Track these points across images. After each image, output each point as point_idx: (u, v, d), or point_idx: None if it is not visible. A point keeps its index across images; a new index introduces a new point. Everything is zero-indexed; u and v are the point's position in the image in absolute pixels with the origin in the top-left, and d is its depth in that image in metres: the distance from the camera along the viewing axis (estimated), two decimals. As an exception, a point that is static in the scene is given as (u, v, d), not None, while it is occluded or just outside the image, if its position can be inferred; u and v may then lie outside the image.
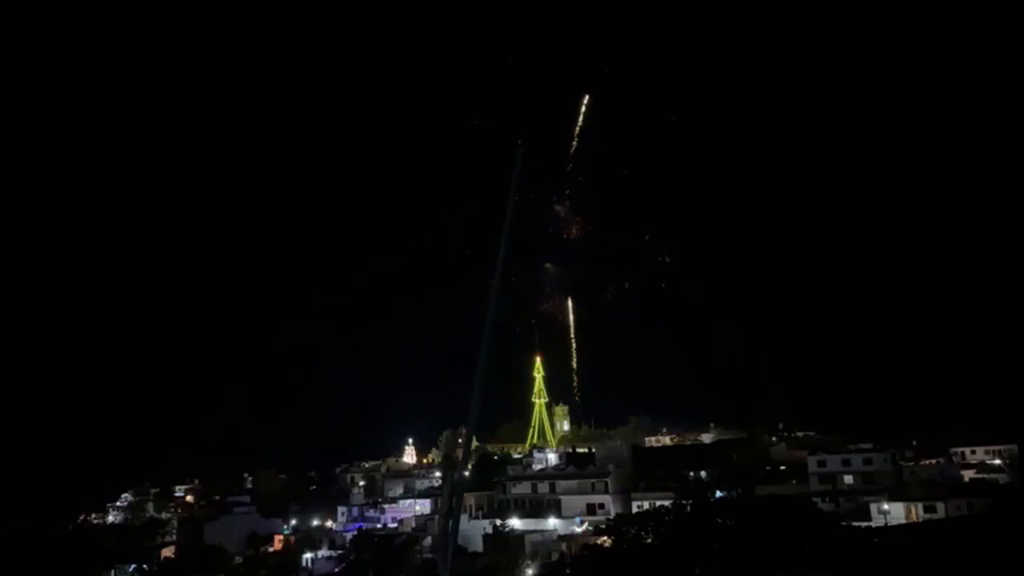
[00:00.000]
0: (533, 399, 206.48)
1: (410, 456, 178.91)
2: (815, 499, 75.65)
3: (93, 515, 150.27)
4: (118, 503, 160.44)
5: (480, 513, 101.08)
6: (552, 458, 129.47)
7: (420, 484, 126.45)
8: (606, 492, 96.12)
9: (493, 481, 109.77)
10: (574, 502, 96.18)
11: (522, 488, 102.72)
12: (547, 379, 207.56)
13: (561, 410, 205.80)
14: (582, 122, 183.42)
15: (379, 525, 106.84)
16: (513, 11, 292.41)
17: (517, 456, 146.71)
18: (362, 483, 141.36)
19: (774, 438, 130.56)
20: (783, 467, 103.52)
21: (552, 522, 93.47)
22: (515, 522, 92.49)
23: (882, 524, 71.86)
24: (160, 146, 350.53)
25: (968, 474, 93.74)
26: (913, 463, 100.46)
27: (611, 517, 79.92)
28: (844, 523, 64.02)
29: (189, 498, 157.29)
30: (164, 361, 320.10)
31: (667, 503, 74.83)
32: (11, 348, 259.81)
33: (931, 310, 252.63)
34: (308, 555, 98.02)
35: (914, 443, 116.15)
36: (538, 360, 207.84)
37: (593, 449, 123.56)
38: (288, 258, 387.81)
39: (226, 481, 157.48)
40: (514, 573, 75.23)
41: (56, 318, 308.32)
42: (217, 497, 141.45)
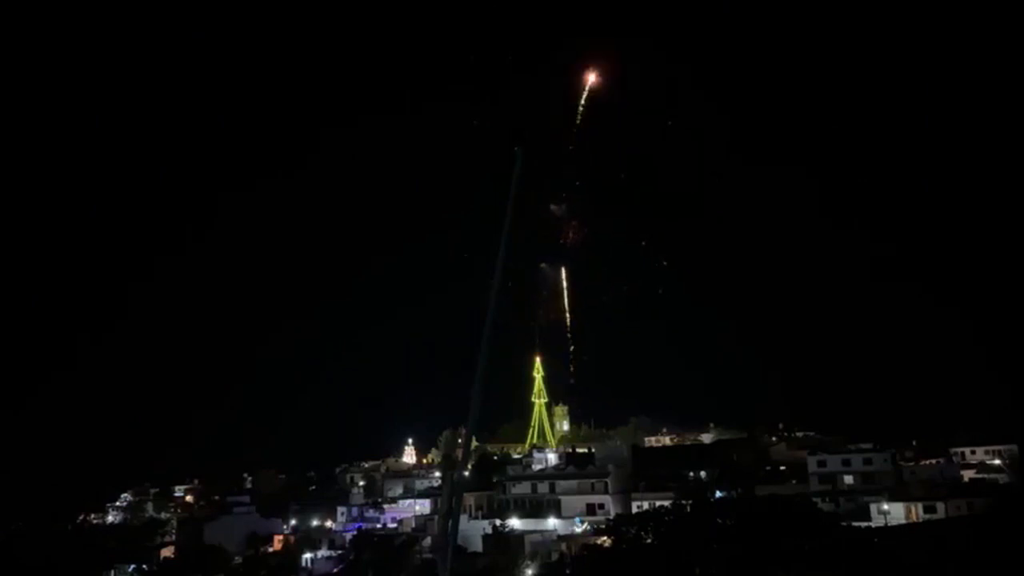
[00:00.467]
0: (533, 399, 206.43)
1: (410, 456, 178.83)
2: (815, 499, 75.48)
3: (93, 515, 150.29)
4: (118, 503, 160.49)
5: (480, 513, 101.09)
6: (552, 458, 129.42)
7: (420, 484, 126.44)
8: (606, 492, 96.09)
9: (493, 481, 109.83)
10: (574, 502, 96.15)
11: (522, 488, 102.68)
12: (547, 379, 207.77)
13: (561, 410, 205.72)
14: (581, 122, 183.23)
15: (379, 525, 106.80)
16: (513, 11, 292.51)
17: (517, 456, 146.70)
18: (362, 483, 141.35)
19: (774, 438, 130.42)
20: (783, 467, 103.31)
21: (552, 522, 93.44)
22: (515, 522, 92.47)
23: (882, 524, 71.83)
24: (160, 146, 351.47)
25: (968, 474, 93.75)
26: (913, 463, 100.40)
27: (611, 517, 79.79)
28: (844, 523, 63.80)
29: (189, 498, 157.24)
30: (164, 361, 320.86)
31: (667, 503, 74.58)
32: (11, 348, 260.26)
33: (931, 310, 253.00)
34: (308, 555, 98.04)
35: (914, 443, 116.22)
36: (538, 360, 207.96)
37: (593, 449, 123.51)
38: (288, 258, 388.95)
39: (226, 481, 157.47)
40: (514, 573, 75.17)
41: (56, 318, 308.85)
42: (217, 497, 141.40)
